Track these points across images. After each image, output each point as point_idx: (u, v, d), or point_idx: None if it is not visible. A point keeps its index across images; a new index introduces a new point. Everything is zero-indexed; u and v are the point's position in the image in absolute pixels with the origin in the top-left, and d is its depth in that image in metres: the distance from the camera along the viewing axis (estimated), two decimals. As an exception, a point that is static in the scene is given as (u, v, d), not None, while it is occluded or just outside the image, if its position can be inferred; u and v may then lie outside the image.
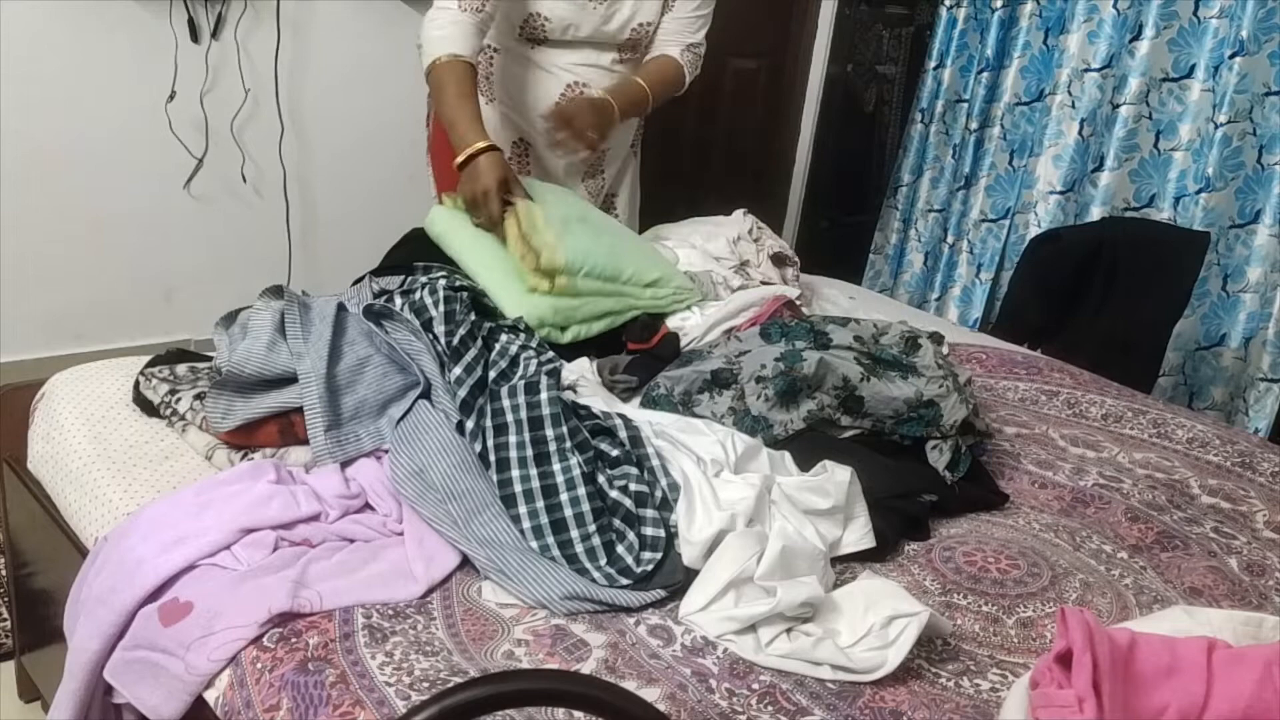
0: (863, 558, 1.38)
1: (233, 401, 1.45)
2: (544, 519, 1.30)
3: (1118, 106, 3.23)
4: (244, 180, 3.05)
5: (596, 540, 1.28)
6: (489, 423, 1.42)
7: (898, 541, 1.43)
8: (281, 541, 1.27)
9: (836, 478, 1.39)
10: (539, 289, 1.72)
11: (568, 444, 1.37)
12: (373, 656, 1.11)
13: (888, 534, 1.41)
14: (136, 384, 1.58)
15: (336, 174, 3.21)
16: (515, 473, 1.36)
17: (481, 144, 1.85)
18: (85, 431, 1.51)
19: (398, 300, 1.64)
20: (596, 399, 1.56)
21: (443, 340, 1.55)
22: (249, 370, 1.45)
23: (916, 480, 1.53)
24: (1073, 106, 3.37)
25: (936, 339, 1.81)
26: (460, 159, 1.87)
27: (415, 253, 1.87)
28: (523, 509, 1.32)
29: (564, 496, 1.32)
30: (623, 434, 1.41)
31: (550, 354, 1.66)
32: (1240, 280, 3.12)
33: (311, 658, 1.10)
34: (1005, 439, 1.78)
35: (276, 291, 1.65)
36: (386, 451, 1.42)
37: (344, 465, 1.42)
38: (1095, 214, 3.28)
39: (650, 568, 1.26)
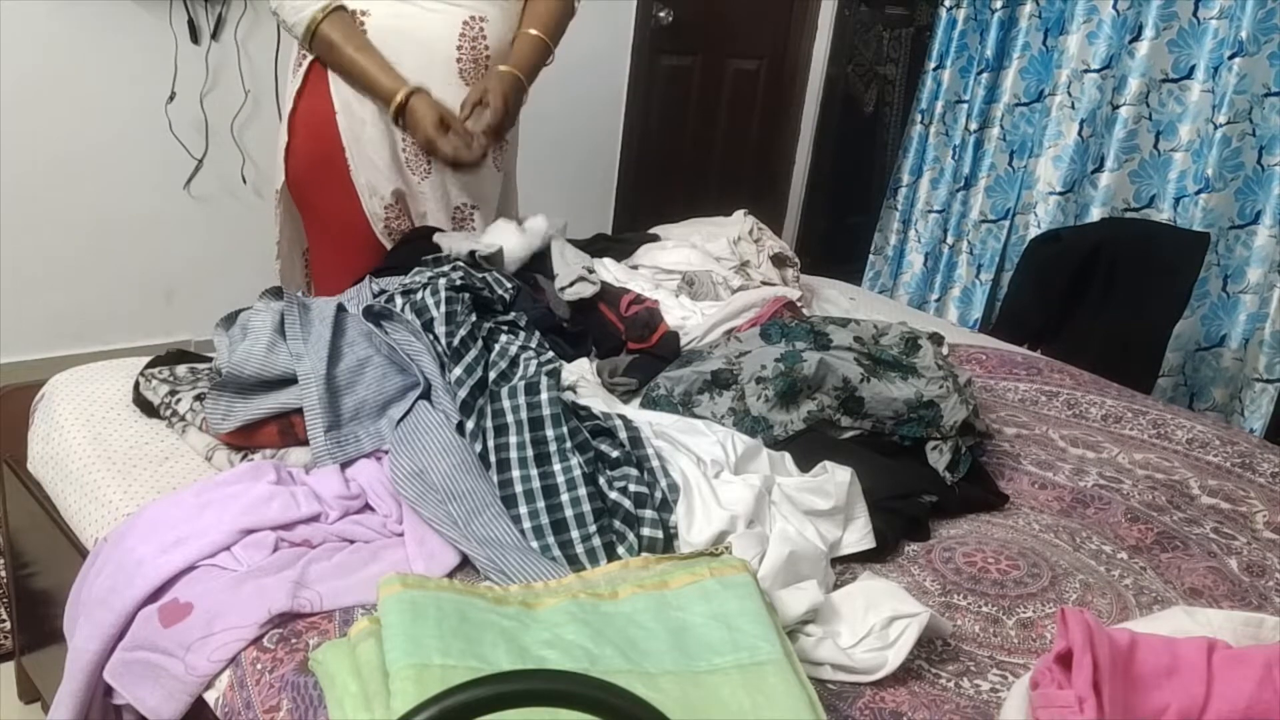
0: (863, 558, 1.38)
1: (232, 403, 1.45)
2: (545, 519, 1.30)
3: (1117, 107, 3.24)
4: (244, 181, 3.05)
5: (597, 541, 1.28)
6: (489, 423, 1.42)
7: (898, 542, 1.43)
8: (281, 542, 1.26)
9: (837, 478, 1.39)
10: None
11: (568, 444, 1.37)
12: (373, 657, 1.11)
13: (888, 535, 1.41)
14: (136, 385, 1.58)
15: (336, 174, 3.20)
16: (516, 473, 1.36)
17: (405, 90, 1.84)
18: (85, 432, 1.51)
19: (398, 300, 1.64)
20: (596, 400, 1.56)
21: (443, 341, 1.55)
22: (249, 371, 1.45)
23: (916, 481, 1.53)
24: (1072, 107, 3.37)
25: (936, 340, 1.81)
26: (391, 112, 1.85)
27: (415, 253, 1.87)
28: (523, 509, 1.32)
29: (565, 497, 1.32)
30: (623, 435, 1.41)
31: (550, 354, 1.66)
32: (1240, 281, 3.12)
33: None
34: (1005, 440, 1.78)
35: (276, 292, 1.65)
36: (386, 452, 1.42)
37: (344, 466, 1.42)
38: (1095, 215, 3.28)
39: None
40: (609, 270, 2.02)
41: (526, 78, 1.97)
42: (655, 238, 2.27)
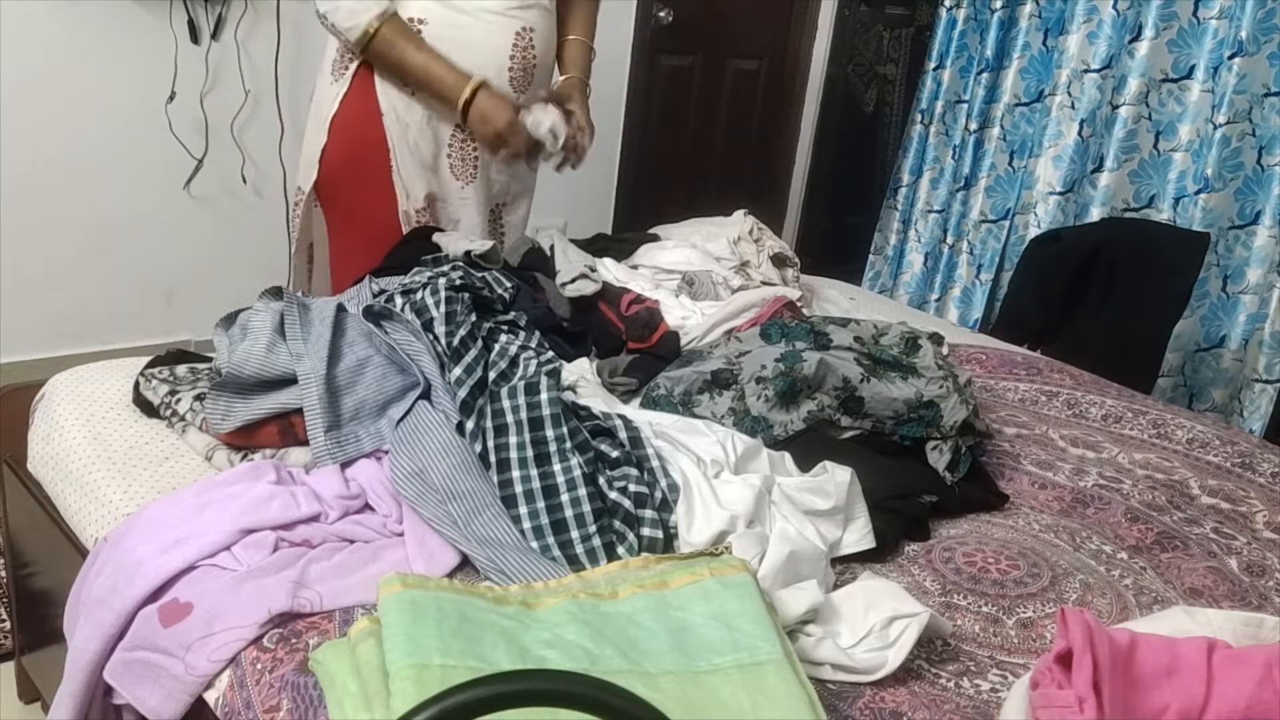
0: (863, 558, 1.38)
1: (232, 403, 1.45)
2: (544, 519, 1.30)
3: (1117, 107, 3.24)
4: (244, 181, 3.05)
5: (597, 541, 1.28)
6: (489, 423, 1.42)
7: (898, 542, 1.43)
8: (281, 542, 1.26)
9: (837, 478, 1.39)
10: None
11: (568, 444, 1.37)
12: (373, 657, 1.11)
13: (888, 534, 1.41)
14: (136, 385, 1.58)
15: (336, 174, 3.20)
16: (516, 473, 1.36)
17: (473, 84, 1.88)
18: (85, 432, 1.51)
19: (398, 300, 1.64)
20: (596, 400, 1.56)
21: (443, 341, 1.55)
22: (248, 371, 1.45)
23: (916, 481, 1.53)
24: (1072, 107, 3.37)
25: (936, 340, 1.81)
26: (460, 106, 1.89)
27: (415, 253, 1.87)
28: (523, 509, 1.32)
29: (565, 497, 1.32)
30: (623, 435, 1.41)
31: (550, 354, 1.66)
32: (1240, 281, 3.12)
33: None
34: (1005, 439, 1.78)
35: (276, 292, 1.65)
36: (386, 452, 1.42)
37: (344, 466, 1.42)
38: (1095, 215, 3.28)
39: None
40: (609, 270, 2.02)
41: (588, 80, 2.14)
42: (655, 238, 2.27)
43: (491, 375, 1.53)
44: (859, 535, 1.38)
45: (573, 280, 1.87)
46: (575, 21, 2.16)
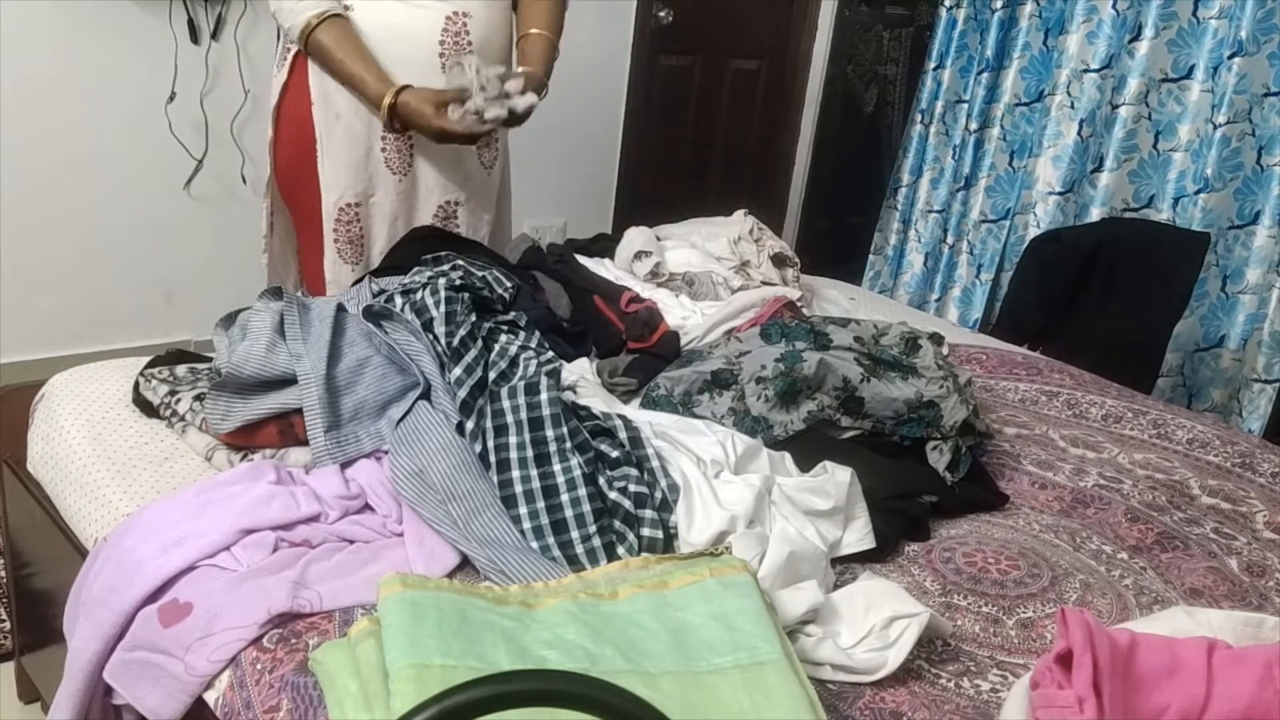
0: (863, 558, 1.38)
1: (232, 403, 1.45)
2: (544, 519, 1.30)
3: (1117, 107, 3.24)
4: (244, 181, 3.04)
5: (597, 541, 1.28)
6: (489, 423, 1.42)
7: (898, 542, 1.43)
8: (281, 542, 1.26)
9: (837, 478, 1.39)
10: None
11: (568, 444, 1.37)
12: (373, 657, 1.11)
13: (888, 535, 1.41)
14: (136, 385, 1.58)
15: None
16: (516, 473, 1.36)
17: (393, 90, 1.81)
18: (85, 432, 1.51)
19: (398, 300, 1.64)
20: (596, 400, 1.56)
21: (443, 341, 1.55)
22: (248, 371, 1.45)
23: (917, 481, 1.53)
24: (1072, 107, 3.37)
25: (936, 340, 1.81)
26: (384, 115, 1.83)
27: (415, 253, 1.87)
28: (523, 509, 1.32)
29: (565, 497, 1.32)
30: (623, 435, 1.41)
31: (550, 354, 1.66)
32: (1239, 281, 3.12)
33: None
34: (1005, 440, 1.78)
35: (276, 293, 1.65)
36: (386, 452, 1.42)
37: (344, 466, 1.42)
38: (1094, 215, 3.28)
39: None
40: (609, 270, 2.02)
41: (545, 74, 1.99)
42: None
43: (491, 375, 1.53)
44: (859, 535, 1.38)
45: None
46: (534, 14, 2.03)
